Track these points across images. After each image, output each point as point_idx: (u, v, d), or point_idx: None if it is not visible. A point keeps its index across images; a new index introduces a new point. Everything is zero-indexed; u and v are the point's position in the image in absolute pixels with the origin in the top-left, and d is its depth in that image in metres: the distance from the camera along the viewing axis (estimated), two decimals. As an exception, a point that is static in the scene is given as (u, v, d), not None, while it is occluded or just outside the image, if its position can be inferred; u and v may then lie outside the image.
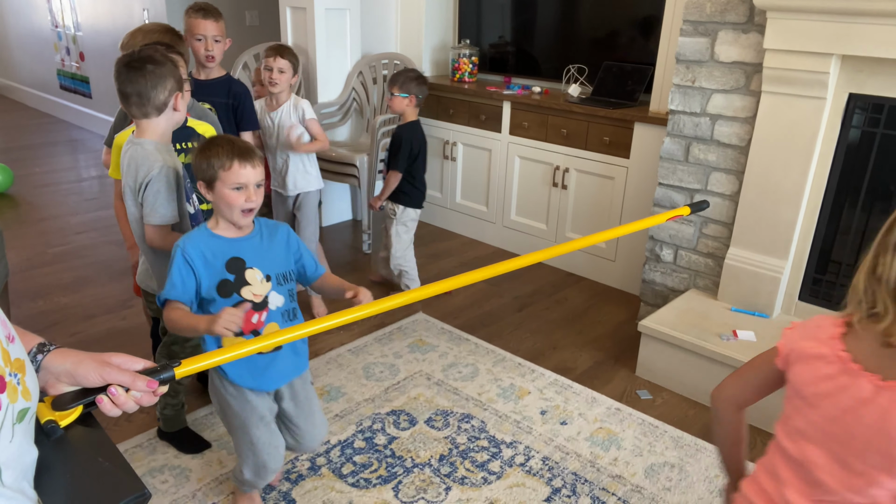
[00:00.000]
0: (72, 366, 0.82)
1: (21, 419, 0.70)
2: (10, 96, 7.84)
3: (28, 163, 5.20)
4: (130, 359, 0.87)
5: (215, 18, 2.45)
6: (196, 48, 2.45)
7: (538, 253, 1.40)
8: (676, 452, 2.12)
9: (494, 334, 2.82)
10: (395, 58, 3.79)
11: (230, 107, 2.56)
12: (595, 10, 3.46)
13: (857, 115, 2.24)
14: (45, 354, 0.83)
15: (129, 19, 5.12)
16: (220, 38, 2.46)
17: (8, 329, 0.72)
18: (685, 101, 2.56)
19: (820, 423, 0.96)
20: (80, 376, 0.82)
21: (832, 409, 0.94)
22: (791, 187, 2.35)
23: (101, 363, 0.84)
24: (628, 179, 3.09)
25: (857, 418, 0.91)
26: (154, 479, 1.92)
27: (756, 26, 2.31)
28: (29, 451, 0.72)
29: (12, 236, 3.64)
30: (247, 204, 1.51)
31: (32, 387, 0.74)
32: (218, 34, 2.46)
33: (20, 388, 0.70)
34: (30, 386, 0.73)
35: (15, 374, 0.70)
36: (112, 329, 2.76)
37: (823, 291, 2.43)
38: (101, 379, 0.83)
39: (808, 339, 1.01)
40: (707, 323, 2.45)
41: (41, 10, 6.41)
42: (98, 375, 0.83)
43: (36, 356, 0.83)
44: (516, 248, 3.68)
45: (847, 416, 0.92)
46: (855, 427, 0.92)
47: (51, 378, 0.83)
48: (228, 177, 1.49)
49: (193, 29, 2.43)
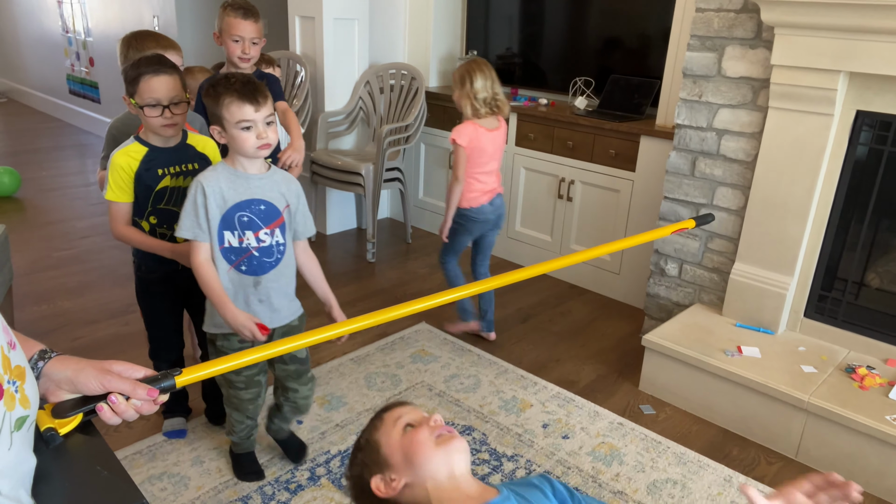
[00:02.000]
0: (72, 373, 0.82)
1: (19, 427, 0.69)
2: (19, 100, 7.90)
3: (35, 166, 5.22)
4: (131, 367, 0.87)
5: (255, 19, 2.29)
6: (231, 48, 2.27)
7: (545, 264, 1.40)
8: (679, 469, 2.10)
9: (497, 346, 2.80)
10: (403, 68, 3.81)
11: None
12: (603, 23, 3.47)
13: (865, 132, 2.23)
14: (45, 361, 0.83)
15: (139, 25, 5.15)
16: (257, 40, 2.30)
17: (9, 335, 0.72)
18: (692, 116, 2.56)
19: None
20: (80, 384, 0.82)
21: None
22: (797, 203, 2.34)
23: (102, 371, 0.83)
24: (634, 193, 3.08)
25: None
26: (153, 487, 1.91)
27: (764, 42, 2.31)
28: (27, 460, 0.72)
29: (18, 239, 3.65)
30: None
31: (32, 395, 0.74)
32: (256, 36, 2.29)
33: (18, 396, 0.70)
34: (29, 394, 0.72)
35: (14, 382, 0.69)
36: (115, 334, 2.76)
37: (829, 308, 2.42)
38: (102, 387, 0.82)
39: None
40: (711, 338, 2.44)
41: (52, 15, 6.46)
42: (98, 383, 0.82)
43: (37, 363, 0.83)
44: (521, 260, 3.67)
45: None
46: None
47: (51, 385, 0.82)
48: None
49: (232, 29, 2.25)
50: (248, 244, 1.66)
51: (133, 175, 1.77)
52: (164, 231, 1.86)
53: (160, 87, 1.68)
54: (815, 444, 2.12)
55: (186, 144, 1.85)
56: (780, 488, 0.90)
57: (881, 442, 1.97)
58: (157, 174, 1.79)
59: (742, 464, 2.15)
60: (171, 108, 1.71)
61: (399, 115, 3.80)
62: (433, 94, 3.81)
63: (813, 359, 2.32)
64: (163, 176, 1.80)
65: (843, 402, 2.07)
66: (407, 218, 3.95)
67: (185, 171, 1.84)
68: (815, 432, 2.11)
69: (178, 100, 1.73)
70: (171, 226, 1.82)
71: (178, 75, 1.74)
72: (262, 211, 1.66)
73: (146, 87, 1.67)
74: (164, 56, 1.78)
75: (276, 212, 1.68)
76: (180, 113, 1.75)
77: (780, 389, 2.15)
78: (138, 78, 1.67)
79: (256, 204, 1.65)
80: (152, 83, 1.67)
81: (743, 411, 2.26)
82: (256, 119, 1.56)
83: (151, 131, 1.76)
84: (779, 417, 2.18)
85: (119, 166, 1.76)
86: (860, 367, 2.22)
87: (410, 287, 3.34)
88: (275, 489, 1.93)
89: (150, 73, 1.67)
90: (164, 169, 1.80)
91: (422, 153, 4.03)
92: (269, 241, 1.68)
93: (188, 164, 1.85)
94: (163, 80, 1.68)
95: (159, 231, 1.86)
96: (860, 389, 2.14)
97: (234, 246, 1.65)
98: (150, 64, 1.68)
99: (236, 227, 1.64)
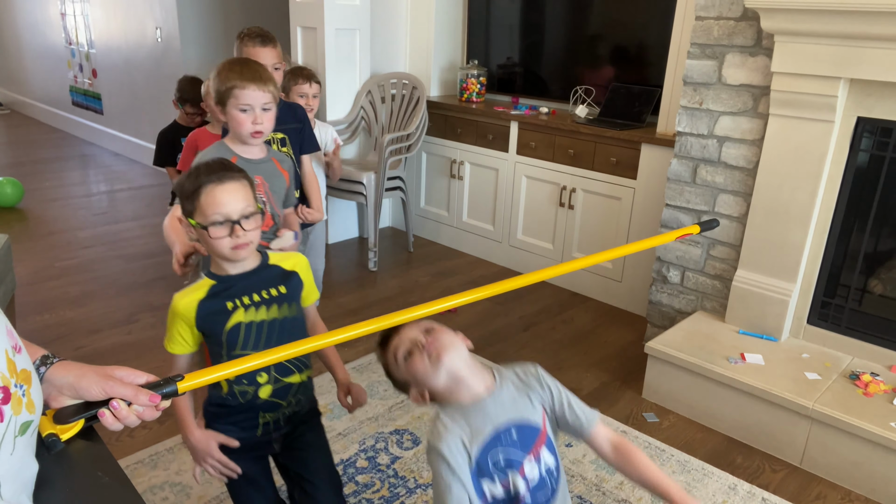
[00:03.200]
0: (74, 378, 0.82)
1: (23, 432, 0.69)
2: (22, 111, 7.94)
3: (39, 177, 5.24)
4: (133, 372, 0.86)
5: (274, 45, 2.24)
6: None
7: (545, 270, 1.39)
8: (683, 477, 2.09)
9: (500, 353, 2.80)
10: (404, 77, 3.82)
11: (298, 130, 2.33)
12: (603, 31, 3.49)
13: (866, 138, 2.24)
14: (48, 367, 0.83)
15: (143, 38, 5.19)
16: (279, 66, 2.26)
17: (15, 339, 0.72)
18: (692, 123, 2.56)
19: None
20: (82, 389, 0.82)
21: None
22: (799, 210, 2.34)
23: (104, 376, 0.83)
24: (635, 200, 3.09)
25: None
26: (154, 496, 1.91)
27: (764, 49, 2.32)
28: (29, 465, 0.72)
29: (21, 249, 3.66)
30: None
31: (37, 399, 0.74)
32: (277, 61, 2.24)
33: (25, 401, 0.70)
34: (35, 398, 0.72)
35: (21, 386, 0.69)
36: (117, 343, 2.76)
37: (832, 315, 2.41)
38: (104, 392, 0.82)
39: None
40: (714, 345, 2.43)
41: (55, 27, 6.51)
42: (101, 389, 0.82)
43: (39, 368, 0.82)
44: (522, 268, 3.67)
45: None
46: None
47: (53, 391, 0.82)
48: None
49: (252, 58, 2.08)
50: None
51: (193, 322, 1.31)
52: (244, 388, 1.34)
53: (227, 198, 1.26)
54: (820, 452, 2.11)
55: (270, 265, 1.38)
56: None
57: (886, 449, 1.96)
58: (225, 309, 1.31)
59: (746, 472, 2.14)
60: (241, 223, 1.27)
61: (400, 125, 3.81)
62: (434, 104, 3.82)
63: (817, 366, 2.31)
64: (233, 310, 1.31)
65: (847, 409, 2.06)
66: (409, 227, 3.95)
67: (265, 300, 1.34)
68: (820, 440, 2.10)
69: (249, 212, 1.28)
70: (252, 380, 1.34)
71: (247, 181, 1.32)
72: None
73: (209, 200, 1.26)
74: (227, 161, 1.37)
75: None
76: (254, 228, 1.30)
77: (784, 397, 2.14)
78: (198, 191, 1.26)
79: None
80: (217, 195, 1.26)
81: (747, 419, 2.25)
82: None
83: (219, 256, 1.31)
84: (783, 425, 2.17)
85: (175, 312, 1.32)
86: (864, 374, 2.21)
87: (412, 296, 3.34)
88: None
89: (212, 181, 1.26)
90: (234, 301, 1.31)
91: (423, 162, 4.04)
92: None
93: (269, 289, 1.36)
94: (230, 190, 1.27)
95: (237, 389, 1.34)
96: (864, 396, 2.13)
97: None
98: (211, 171, 1.28)
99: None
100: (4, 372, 0.67)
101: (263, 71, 1.73)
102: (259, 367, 1.10)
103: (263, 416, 1.39)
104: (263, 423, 1.40)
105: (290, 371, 1.39)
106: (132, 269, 3.54)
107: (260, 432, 1.40)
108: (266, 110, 1.71)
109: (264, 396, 1.36)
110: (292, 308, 1.38)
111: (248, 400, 1.36)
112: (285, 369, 1.38)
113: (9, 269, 2.67)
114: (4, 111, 8.00)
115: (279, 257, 1.41)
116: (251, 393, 1.36)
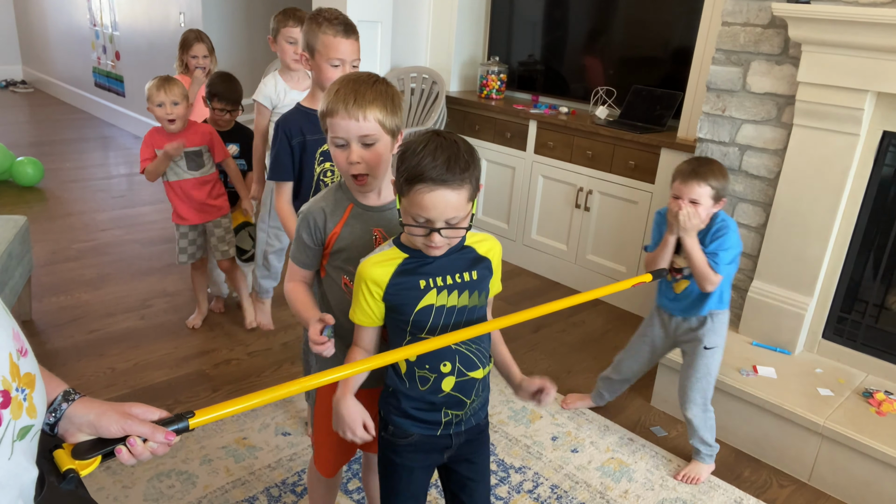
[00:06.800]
0: (95, 417, 0.85)
1: (22, 437, 0.69)
2: (46, 90, 8.01)
3: (59, 157, 5.29)
4: (148, 409, 0.90)
5: (357, 36, 1.85)
6: (328, 74, 1.80)
7: (536, 308, 1.40)
8: (689, 489, 2.07)
9: (509, 355, 2.79)
10: (424, 71, 3.81)
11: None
12: (627, 33, 3.44)
13: (892, 153, 2.19)
14: (69, 403, 0.86)
15: (166, 21, 5.20)
16: (357, 62, 1.86)
17: (21, 342, 0.72)
18: (714, 130, 2.53)
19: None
20: (102, 428, 0.85)
21: None
22: (820, 223, 2.30)
23: (123, 415, 0.86)
24: (652, 205, 3.06)
25: None
26: (161, 484, 1.92)
27: (790, 58, 2.28)
28: (28, 470, 0.72)
29: (39, 230, 3.70)
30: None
31: (40, 404, 0.74)
32: (357, 58, 1.86)
33: (26, 405, 0.70)
34: (37, 403, 0.73)
35: (23, 390, 0.69)
36: (130, 328, 2.78)
37: (848, 330, 2.38)
38: (122, 430, 0.85)
39: None
40: (727, 356, 2.40)
41: (81, 8, 6.55)
42: (119, 427, 0.85)
43: (60, 405, 0.85)
44: (536, 268, 3.65)
45: None
46: None
47: (71, 427, 0.85)
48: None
49: (331, 52, 1.79)
50: None
51: (382, 293, 1.23)
52: (424, 374, 1.26)
53: (436, 202, 1.14)
54: (829, 469, 2.09)
55: (465, 247, 1.28)
56: None
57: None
58: (417, 286, 1.23)
59: (753, 486, 2.12)
60: (442, 232, 1.16)
61: (419, 119, 3.80)
62: (454, 99, 3.80)
63: (830, 381, 2.28)
64: (425, 290, 1.23)
65: (859, 428, 2.03)
66: (423, 221, 3.94)
67: (458, 285, 1.26)
68: (830, 457, 2.08)
69: (455, 221, 1.17)
70: (435, 367, 1.25)
71: (463, 187, 1.16)
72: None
73: (416, 199, 1.14)
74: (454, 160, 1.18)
75: None
76: (457, 235, 1.20)
77: (795, 412, 2.11)
78: (415, 179, 1.14)
79: None
80: (425, 198, 1.14)
81: (756, 432, 2.23)
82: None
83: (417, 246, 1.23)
84: (793, 440, 2.15)
85: (364, 279, 1.23)
86: (878, 392, 2.18)
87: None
88: (281, 491, 1.93)
89: (427, 184, 1.13)
90: (427, 280, 1.23)
91: (440, 157, 4.02)
92: None
93: (463, 272, 1.26)
94: (439, 196, 1.14)
95: (419, 373, 1.26)
96: (877, 415, 2.10)
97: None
98: (427, 172, 1.13)
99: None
100: (6, 375, 0.67)
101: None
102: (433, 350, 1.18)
103: (446, 413, 1.28)
104: (446, 420, 1.28)
105: (475, 365, 1.28)
106: (148, 253, 3.56)
107: (440, 431, 1.29)
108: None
109: (447, 389, 1.25)
110: (481, 297, 1.29)
111: (428, 388, 1.25)
112: (470, 362, 1.26)
113: (27, 250, 2.70)
114: (28, 89, 8.07)
115: (475, 238, 1.30)
116: (431, 381, 1.25)
